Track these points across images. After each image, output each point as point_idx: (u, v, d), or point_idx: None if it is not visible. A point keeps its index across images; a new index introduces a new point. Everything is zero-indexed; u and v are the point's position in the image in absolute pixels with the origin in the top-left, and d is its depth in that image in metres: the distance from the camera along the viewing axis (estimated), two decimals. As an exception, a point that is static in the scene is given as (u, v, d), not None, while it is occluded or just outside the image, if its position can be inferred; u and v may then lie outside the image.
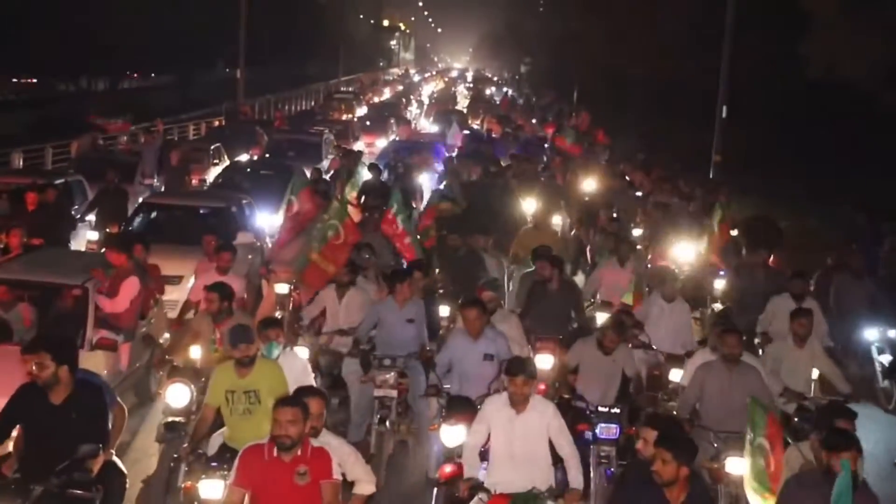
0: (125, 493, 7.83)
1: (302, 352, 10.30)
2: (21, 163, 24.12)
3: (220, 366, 8.56)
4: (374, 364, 10.50)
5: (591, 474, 9.09)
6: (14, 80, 55.70)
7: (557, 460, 7.97)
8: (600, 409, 9.57)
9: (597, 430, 9.38)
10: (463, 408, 8.88)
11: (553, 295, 12.20)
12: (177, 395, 9.28)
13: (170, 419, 9.15)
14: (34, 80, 56.48)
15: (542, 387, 10.10)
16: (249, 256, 15.45)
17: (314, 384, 9.02)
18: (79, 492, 6.94)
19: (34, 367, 7.05)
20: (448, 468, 8.29)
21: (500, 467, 7.93)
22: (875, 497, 6.87)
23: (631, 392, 10.17)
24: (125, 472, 7.86)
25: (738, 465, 8.36)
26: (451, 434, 8.80)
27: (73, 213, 16.69)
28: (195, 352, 10.02)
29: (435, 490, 8.98)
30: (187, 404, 9.23)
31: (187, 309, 11.77)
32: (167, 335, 11.88)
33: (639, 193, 22.40)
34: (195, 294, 11.40)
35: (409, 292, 10.96)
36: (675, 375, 10.60)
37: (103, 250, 12.84)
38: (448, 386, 9.62)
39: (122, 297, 11.06)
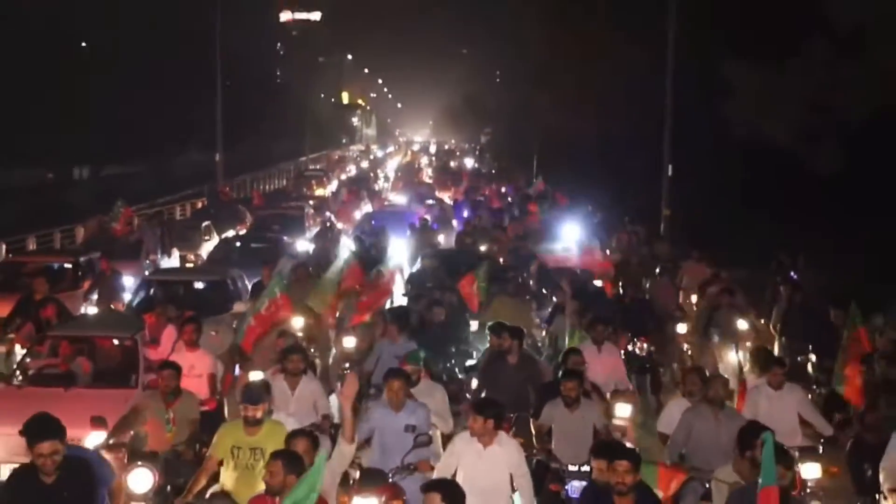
0: None
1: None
2: (35, 246, 26.29)
3: (229, 422, 9.04)
4: (365, 392, 11.68)
5: None
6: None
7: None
8: (570, 468, 9.81)
9: (568, 489, 9.63)
10: (377, 481, 8.59)
11: (511, 369, 12.04)
12: (139, 480, 9.17)
13: None
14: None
15: None
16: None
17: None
18: None
19: (47, 455, 7.01)
20: None
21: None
22: None
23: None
24: None
25: None
26: None
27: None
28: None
29: None
30: (149, 489, 9.16)
31: None
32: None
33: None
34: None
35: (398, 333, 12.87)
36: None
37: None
38: (360, 458, 9.33)
39: (164, 345, 13.25)
